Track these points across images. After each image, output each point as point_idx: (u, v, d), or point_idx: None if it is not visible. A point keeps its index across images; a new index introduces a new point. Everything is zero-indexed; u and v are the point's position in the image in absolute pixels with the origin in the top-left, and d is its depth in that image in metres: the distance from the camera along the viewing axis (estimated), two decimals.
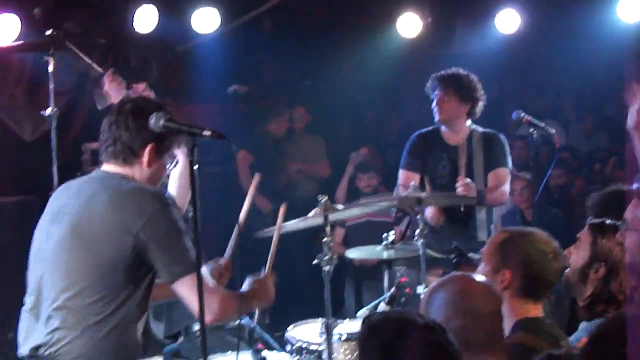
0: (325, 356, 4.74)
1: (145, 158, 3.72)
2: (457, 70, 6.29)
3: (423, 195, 5.33)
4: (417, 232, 5.27)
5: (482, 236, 6.26)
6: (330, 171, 9.30)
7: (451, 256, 5.58)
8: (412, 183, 5.58)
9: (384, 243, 5.59)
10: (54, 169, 6.17)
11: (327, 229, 4.73)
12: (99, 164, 3.93)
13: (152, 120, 3.48)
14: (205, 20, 8.11)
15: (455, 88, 6.19)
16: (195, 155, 3.38)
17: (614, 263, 3.88)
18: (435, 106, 6.24)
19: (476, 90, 6.23)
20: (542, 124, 6.74)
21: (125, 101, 3.75)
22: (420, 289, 5.23)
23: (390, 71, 9.75)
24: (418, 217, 5.27)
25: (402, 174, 6.32)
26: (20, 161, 7.72)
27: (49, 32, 6.18)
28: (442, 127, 6.33)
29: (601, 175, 9.57)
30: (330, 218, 4.80)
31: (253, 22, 8.82)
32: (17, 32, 6.95)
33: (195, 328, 5.75)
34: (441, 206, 6.10)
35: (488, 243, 3.76)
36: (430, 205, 5.82)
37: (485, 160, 6.26)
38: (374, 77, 9.81)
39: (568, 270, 3.92)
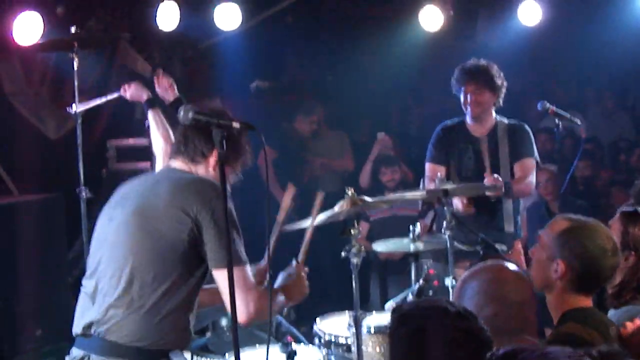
0: (354, 349, 4.73)
1: (212, 160, 3.88)
2: (481, 61, 6.24)
3: (450, 187, 5.30)
4: (445, 224, 5.24)
5: (509, 228, 6.23)
6: (353, 164, 9.28)
7: (478, 248, 5.55)
8: (439, 175, 5.56)
9: (411, 236, 5.57)
10: (80, 166, 6.21)
11: (355, 222, 4.71)
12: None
13: (182, 112, 3.51)
14: (227, 16, 8.14)
15: (486, 81, 6.14)
16: (224, 147, 3.46)
17: None
18: (468, 101, 6.17)
19: (502, 79, 6.20)
20: (568, 115, 6.69)
21: (204, 106, 3.76)
22: (448, 281, 5.22)
23: (412, 64, 9.72)
24: (445, 209, 5.24)
25: (429, 167, 6.29)
26: (45, 159, 7.76)
27: (73, 30, 6.19)
28: (468, 119, 6.28)
29: (626, 165, 9.52)
30: (357, 210, 4.79)
31: (275, 18, 8.85)
32: (41, 31, 6.99)
33: (223, 323, 5.76)
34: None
35: (547, 228, 3.56)
36: (457, 196, 5.79)
37: (510, 151, 6.22)
38: (396, 71, 9.79)
39: None
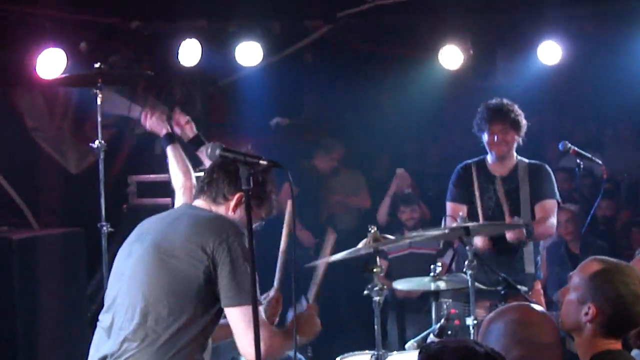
0: None
1: (232, 203, 3.95)
2: (504, 100, 6.24)
3: (471, 225, 5.29)
4: (466, 264, 5.22)
5: (529, 268, 6.20)
6: (370, 202, 9.28)
7: (499, 288, 5.53)
8: (461, 214, 5.54)
9: (432, 274, 5.55)
10: (102, 201, 6.22)
11: (377, 260, 4.71)
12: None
13: (209, 149, 3.54)
14: (247, 54, 8.19)
15: (512, 121, 6.15)
16: (254, 183, 3.52)
17: None
18: (495, 140, 6.17)
19: (523, 119, 6.21)
20: (589, 155, 6.69)
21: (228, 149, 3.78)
22: (469, 321, 5.19)
23: (431, 102, 9.74)
24: (467, 249, 5.22)
25: (450, 206, 6.28)
26: (66, 193, 7.80)
27: (97, 66, 6.25)
28: (489, 158, 6.28)
29: None
30: (377, 247, 4.78)
31: (295, 56, 8.89)
32: (64, 66, 7.06)
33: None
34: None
35: (578, 269, 3.52)
36: (478, 235, 5.77)
37: (531, 191, 6.20)
38: (415, 109, 9.80)
39: None
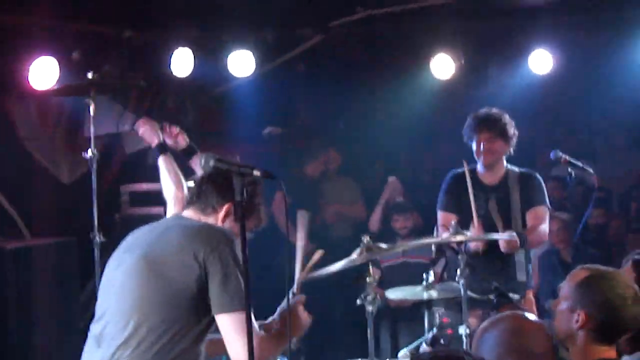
0: None
1: (221, 214, 3.96)
2: (494, 110, 6.27)
3: (464, 234, 5.30)
4: (458, 273, 5.23)
5: (521, 277, 6.21)
6: (365, 212, 9.29)
7: (491, 297, 5.54)
8: (453, 222, 5.55)
9: (424, 283, 5.56)
10: (94, 211, 6.23)
11: (370, 269, 4.72)
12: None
13: (203, 160, 3.56)
14: (240, 63, 8.20)
15: (499, 129, 6.16)
16: (244, 195, 3.53)
17: None
18: (482, 149, 6.19)
19: (514, 128, 6.23)
20: (580, 164, 6.72)
21: (222, 159, 3.79)
22: (461, 330, 5.20)
23: (423, 112, 9.75)
24: (459, 257, 5.24)
25: (441, 215, 6.30)
26: (58, 203, 7.80)
27: (90, 75, 6.26)
28: (479, 167, 6.30)
29: (638, 214, 9.51)
30: (372, 256, 4.80)
31: (287, 65, 8.90)
32: (56, 76, 7.07)
33: None
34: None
35: (567, 279, 3.60)
36: (472, 243, 5.77)
37: (522, 199, 6.22)
38: (408, 118, 9.81)
39: None
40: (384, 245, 5.00)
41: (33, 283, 6.57)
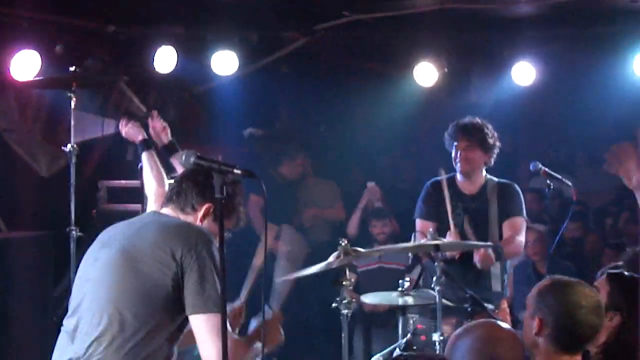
0: None
1: (200, 214, 3.94)
2: (476, 119, 6.27)
3: (441, 242, 5.30)
4: (434, 280, 5.24)
5: (496, 287, 6.23)
6: (344, 214, 9.29)
7: (466, 305, 5.55)
8: (431, 230, 5.55)
9: (400, 289, 5.56)
10: (72, 205, 6.20)
11: (347, 273, 4.72)
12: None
13: (183, 156, 3.54)
14: (223, 63, 8.18)
15: (479, 138, 6.17)
16: (224, 193, 3.52)
17: (629, 313, 3.88)
18: (458, 157, 6.19)
19: (495, 139, 6.23)
20: (559, 176, 6.75)
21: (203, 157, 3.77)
22: (435, 337, 5.21)
23: (405, 119, 9.77)
24: (435, 265, 5.24)
25: (419, 223, 6.30)
26: (36, 196, 7.75)
27: (72, 69, 6.23)
28: (458, 176, 6.30)
29: (614, 230, 9.57)
30: (349, 260, 4.80)
31: (271, 67, 8.89)
32: (38, 69, 7.03)
33: None
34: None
35: (533, 289, 3.71)
36: (448, 251, 5.77)
37: (500, 209, 6.23)
38: (389, 124, 9.84)
39: None
40: (362, 249, 5.00)
41: (9, 276, 6.52)
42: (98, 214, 7.64)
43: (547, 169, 6.69)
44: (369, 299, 6.01)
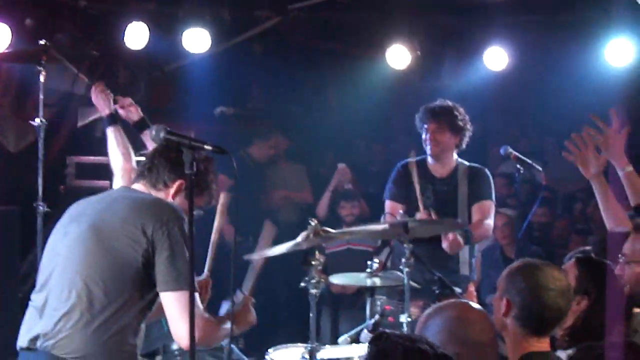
0: None
1: (172, 190, 3.91)
2: (447, 102, 6.28)
3: (410, 222, 5.30)
4: (403, 261, 5.24)
5: (464, 270, 6.25)
6: (312, 198, 9.29)
7: (434, 287, 5.56)
8: (401, 212, 5.55)
9: (368, 271, 5.56)
10: (39, 181, 6.14)
11: (316, 253, 4.71)
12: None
13: (153, 131, 3.51)
14: (195, 40, 8.11)
15: (448, 121, 6.17)
16: (195, 169, 3.48)
17: (597, 297, 3.90)
18: (427, 139, 6.20)
19: (466, 122, 6.24)
20: (529, 161, 6.76)
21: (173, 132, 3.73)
22: (403, 318, 5.21)
23: (378, 101, 9.77)
24: (404, 247, 5.24)
25: (388, 204, 6.29)
26: (4, 172, 7.68)
27: (42, 43, 6.16)
28: (429, 159, 6.31)
29: (582, 215, 9.63)
30: (318, 241, 4.80)
31: (243, 45, 8.84)
32: (8, 42, 6.94)
33: (174, 347, 5.70)
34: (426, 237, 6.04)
35: (505, 270, 3.73)
36: (416, 235, 5.77)
37: (469, 192, 6.25)
38: (362, 107, 9.83)
39: None
40: (332, 230, 4.99)
41: None
42: (66, 190, 7.58)
43: (518, 154, 6.71)
44: (338, 280, 6.00)
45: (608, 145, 4.73)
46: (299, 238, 4.79)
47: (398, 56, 8.44)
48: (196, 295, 3.65)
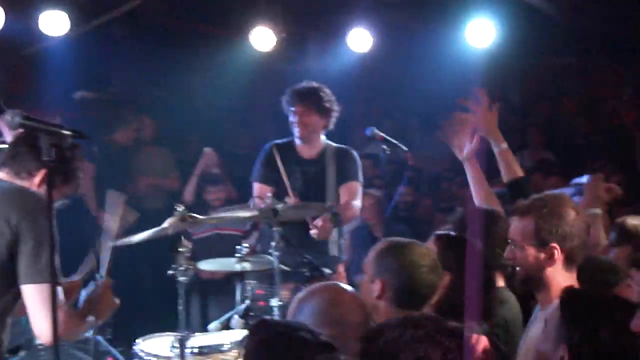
0: None
1: (36, 180, 3.76)
2: (313, 83, 6.28)
3: (279, 206, 5.26)
4: (272, 245, 5.20)
5: (334, 251, 6.28)
6: (179, 184, 9.15)
7: (304, 270, 5.55)
8: (269, 194, 5.50)
9: (238, 255, 5.51)
10: None
11: (184, 240, 4.63)
12: None
13: (9, 117, 3.36)
14: (53, 23, 7.86)
15: (315, 103, 6.18)
16: (51, 155, 3.36)
17: (457, 272, 3.96)
18: (295, 122, 6.19)
19: (333, 104, 6.25)
20: (395, 142, 6.82)
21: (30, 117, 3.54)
22: (274, 302, 5.18)
23: (243, 84, 9.71)
24: (274, 230, 5.20)
25: (257, 187, 6.26)
26: None
27: None
28: (297, 140, 6.29)
29: (448, 193, 9.79)
30: (183, 226, 4.72)
31: (103, 28, 8.64)
32: None
33: (37, 341, 5.50)
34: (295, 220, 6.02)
35: (370, 252, 3.76)
36: (285, 219, 5.74)
37: (337, 174, 6.27)
38: (227, 90, 9.75)
39: None
40: (200, 216, 4.92)
41: None
42: None
43: (383, 134, 6.76)
44: (207, 266, 5.93)
45: (482, 123, 4.80)
46: (165, 224, 4.71)
47: (262, 38, 8.39)
48: (59, 289, 3.52)
